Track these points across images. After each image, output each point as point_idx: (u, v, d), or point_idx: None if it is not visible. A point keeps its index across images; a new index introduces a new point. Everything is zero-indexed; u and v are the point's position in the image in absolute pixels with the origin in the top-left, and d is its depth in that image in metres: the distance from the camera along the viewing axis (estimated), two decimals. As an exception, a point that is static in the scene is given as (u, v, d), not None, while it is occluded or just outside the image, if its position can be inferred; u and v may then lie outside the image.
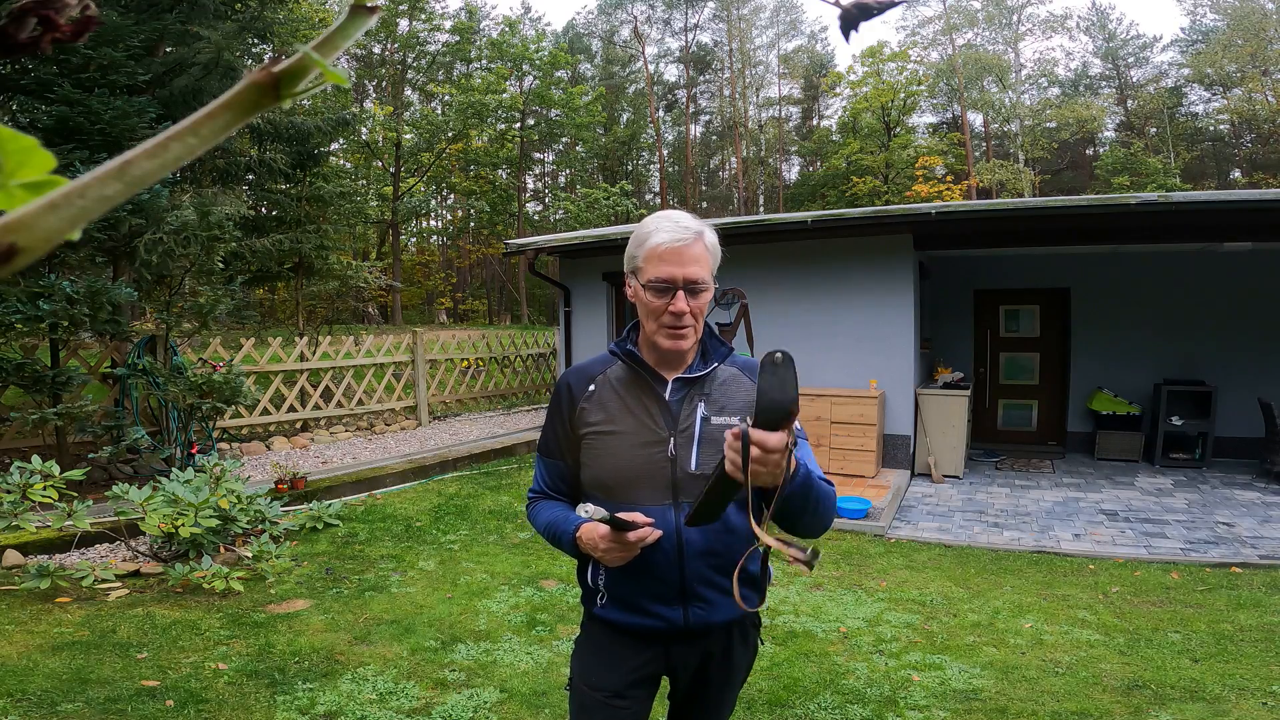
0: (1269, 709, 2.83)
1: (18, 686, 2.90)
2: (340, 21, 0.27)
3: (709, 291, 1.41)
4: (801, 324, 7.25)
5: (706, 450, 1.40)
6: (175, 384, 5.96)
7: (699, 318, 1.41)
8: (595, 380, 1.49)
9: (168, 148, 0.24)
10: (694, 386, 1.45)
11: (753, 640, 1.58)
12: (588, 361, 1.56)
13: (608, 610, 1.46)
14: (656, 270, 1.36)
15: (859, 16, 0.44)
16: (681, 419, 1.42)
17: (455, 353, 10.67)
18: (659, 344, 1.41)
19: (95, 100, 5.78)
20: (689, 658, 1.47)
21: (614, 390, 1.47)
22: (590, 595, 1.51)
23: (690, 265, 1.36)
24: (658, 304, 1.37)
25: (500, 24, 27.77)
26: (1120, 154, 25.81)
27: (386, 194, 24.76)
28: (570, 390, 1.50)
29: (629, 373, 1.47)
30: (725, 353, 1.50)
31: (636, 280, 1.42)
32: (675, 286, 1.36)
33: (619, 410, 1.44)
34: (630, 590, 1.43)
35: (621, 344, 1.49)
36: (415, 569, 4.52)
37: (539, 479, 1.56)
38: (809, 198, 30.58)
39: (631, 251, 1.43)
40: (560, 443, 1.51)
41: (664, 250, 1.36)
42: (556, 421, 1.51)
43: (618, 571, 1.40)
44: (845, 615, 3.84)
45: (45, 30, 0.28)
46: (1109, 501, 6.07)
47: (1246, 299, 7.35)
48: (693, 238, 1.37)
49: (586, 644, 1.54)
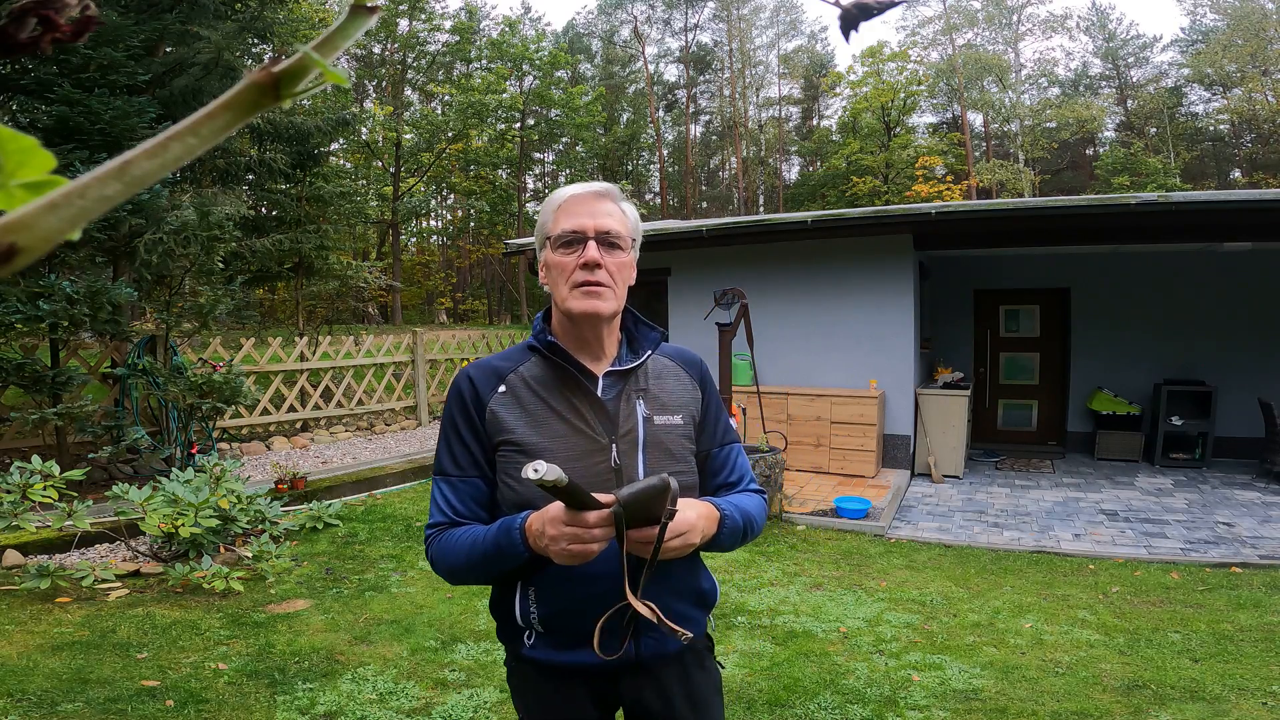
0: (1269, 709, 2.83)
1: (18, 686, 2.90)
2: (340, 21, 0.27)
3: (628, 253, 1.22)
4: (801, 324, 7.26)
5: (654, 456, 1.21)
6: (175, 384, 5.96)
7: (618, 281, 1.20)
8: (505, 379, 1.23)
9: (168, 148, 0.24)
10: (628, 381, 1.24)
11: (710, 664, 1.35)
12: (493, 356, 1.29)
13: (538, 649, 1.21)
14: (565, 223, 1.19)
15: (859, 16, 0.44)
16: (621, 421, 1.21)
17: (455, 353, 10.68)
18: (571, 308, 1.18)
19: (95, 100, 5.78)
20: (641, 693, 1.25)
21: (532, 391, 1.22)
22: (514, 633, 1.24)
23: (603, 217, 1.19)
24: (568, 260, 1.18)
25: (500, 24, 27.77)
26: (1120, 154, 25.81)
27: (386, 194, 24.74)
28: (475, 388, 1.23)
29: (549, 369, 1.23)
30: (656, 339, 1.30)
31: (547, 249, 1.22)
32: (585, 236, 1.17)
33: (543, 415, 1.20)
34: (569, 625, 1.18)
35: (540, 335, 1.24)
36: (415, 569, 4.51)
37: (443, 506, 1.22)
38: (809, 198, 30.58)
39: (541, 221, 1.25)
40: (471, 454, 1.22)
41: (571, 201, 1.21)
42: (462, 429, 1.23)
43: (559, 606, 1.17)
44: (845, 615, 3.84)
45: (45, 30, 0.28)
46: (1109, 501, 6.07)
47: (1246, 299, 7.35)
48: (602, 191, 1.22)
49: (523, 690, 1.29)
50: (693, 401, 1.31)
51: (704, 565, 1.35)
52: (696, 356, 1.39)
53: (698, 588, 1.29)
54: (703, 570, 1.33)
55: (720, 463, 1.33)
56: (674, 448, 1.25)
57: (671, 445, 1.24)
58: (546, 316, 1.28)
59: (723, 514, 1.19)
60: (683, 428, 1.27)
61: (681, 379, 1.31)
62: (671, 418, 1.25)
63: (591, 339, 1.23)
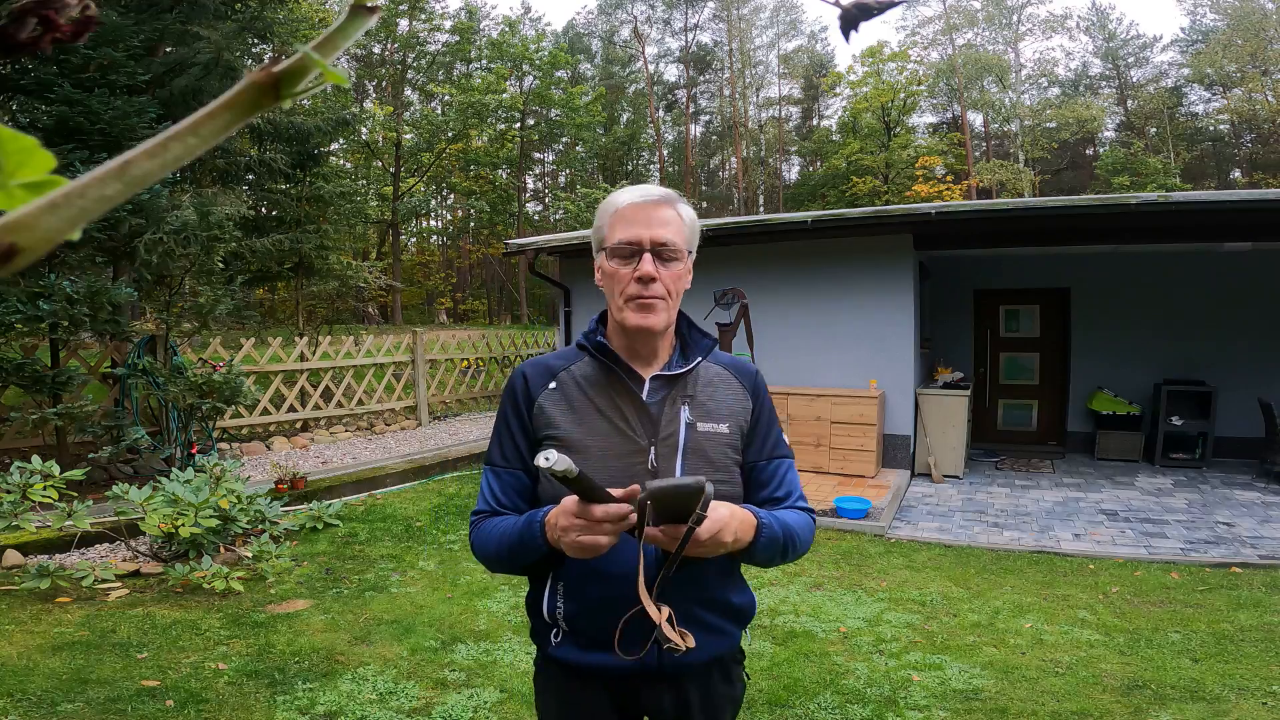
0: (1269, 709, 2.83)
1: (18, 686, 2.90)
2: (340, 21, 0.27)
3: (683, 263, 1.21)
4: (801, 324, 7.25)
5: (692, 462, 1.21)
6: (175, 384, 5.96)
7: (673, 292, 1.20)
8: (557, 376, 1.26)
9: (168, 148, 0.24)
10: (675, 386, 1.24)
11: (737, 675, 1.34)
12: (549, 354, 1.33)
13: (563, 649, 1.23)
14: (620, 233, 1.18)
15: (859, 16, 0.44)
16: (663, 425, 1.22)
17: (455, 353, 10.67)
18: (625, 321, 1.19)
19: (95, 100, 5.78)
20: (661, 701, 1.24)
21: (580, 390, 1.24)
22: (543, 631, 1.26)
23: (659, 227, 1.17)
24: (623, 272, 1.18)
25: (500, 24, 27.77)
26: (1120, 154, 25.81)
27: (386, 194, 24.75)
28: (527, 383, 1.27)
29: (598, 370, 1.25)
30: (708, 346, 1.30)
31: (603, 255, 1.22)
32: (641, 249, 1.17)
33: (588, 414, 1.22)
34: (592, 624, 1.19)
35: (590, 335, 1.27)
36: (415, 569, 4.52)
37: (487, 495, 1.27)
38: (809, 198, 30.57)
39: (597, 224, 1.24)
40: (517, 447, 1.26)
41: (629, 209, 1.19)
42: (511, 422, 1.27)
43: (583, 603, 1.20)
44: (845, 615, 3.84)
45: (45, 30, 0.28)
46: (1109, 501, 6.07)
47: (1246, 299, 7.35)
48: (661, 199, 1.20)
49: (545, 690, 1.32)
50: (742, 411, 1.29)
51: (741, 578, 1.32)
52: (752, 367, 1.37)
53: (729, 600, 1.27)
54: (738, 583, 1.30)
55: (767, 476, 1.30)
56: (715, 456, 1.23)
57: (713, 453, 1.23)
58: (603, 318, 1.30)
59: (760, 522, 1.16)
60: (728, 437, 1.25)
61: (733, 388, 1.30)
62: (717, 426, 1.24)
63: (643, 348, 1.25)
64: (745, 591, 1.32)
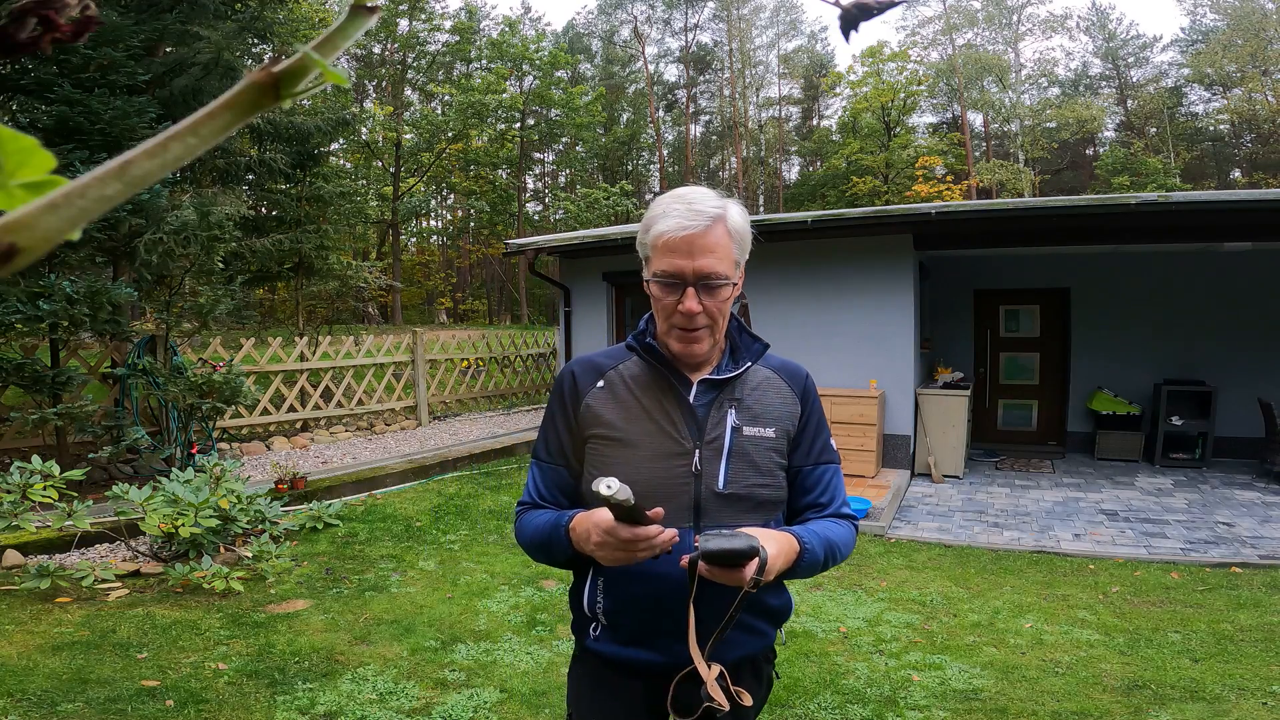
0: (1269, 709, 2.83)
1: (18, 686, 2.90)
2: (340, 21, 0.27)
3: (729, 287, 1.19)
4: (801, 324, 7.25)
5: (737, 466, 1.21)
6: (175, 384, 5.96)
7: (717, 318, 1.20)
8: (605, 375, 1.28)
9: (168, 148, 0.24)
10: (723, 390, 1.25)
11: (766, 674, 1.37)
12: (597, 353, 1.34)
13: (602, 642, 1.26)
14: (663, 263, 1.17)
15: (859, 16, 0.44)
16: (709, 428, 1.22)
17: (455, 353, 10.67)
18: (670, 346, 1.23)
19: (95, 100, 5.78)
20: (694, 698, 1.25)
21: (628, 389, 1.25)
22: (583, 624, 1.30)
23: (703, 257, 1.15)
24: (667, 301, 1.19)
25: (500, 24, 27.79)
26: (1120, 154, 25.83)
27: (386, 194, 24.76)
28: (575, 382, 1.29)
29: (647, 370, 1.26)
30: (760, 349, 1.30)
31: (648, 270, 1.22)
32: (684, 282, 1.16)
33: (635, 414, 1.23)
34: (633, 620, 1.22)
35: (640, 336, 1.28)
36: (415, 569, 4.52)
37: (531, 488, 1.32)
38: (809, 198, 30.58)
39: (640, 238, 1.24)
40: (561, 444, 1.28)
41: (671, 239, 1.15)
42: (558, 418, 1.29)
43: (621, 600, 1.22)
44: (845, 615, 3.84)
45: (45, 30, 0.28)
46: (1109, 501, 6.07)
47: (1246, 299, 7.35)
48: (707, 223, 1.15)
49: (581, 681, 1.34)
50: (789, 416, 1.29)
51: (779, 581, 1.31)
52: (803, 370, 1.36)
53: (767, 602, 1.28)
54: (776, 585, 1.30)
55: (812, 482, 1.30)
56: (760, 460, 1.23)
57: (757, 457, 1.23)
58: (653, 318, 1.29)
59: (803, 548, 1.16)
60: (773, 441, 1.25)
61: (782, 392, 1.30)
62: (763, 430, 1.25)
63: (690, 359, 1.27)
64: (783, 593, 1.34)
